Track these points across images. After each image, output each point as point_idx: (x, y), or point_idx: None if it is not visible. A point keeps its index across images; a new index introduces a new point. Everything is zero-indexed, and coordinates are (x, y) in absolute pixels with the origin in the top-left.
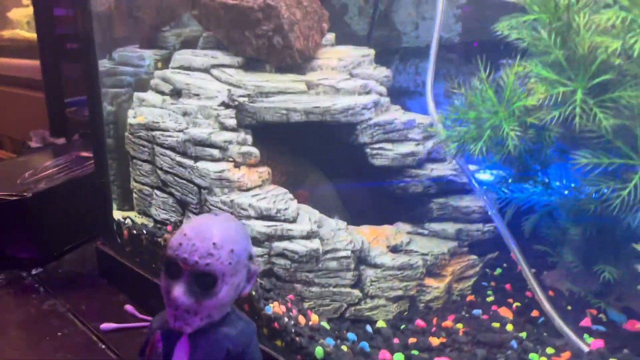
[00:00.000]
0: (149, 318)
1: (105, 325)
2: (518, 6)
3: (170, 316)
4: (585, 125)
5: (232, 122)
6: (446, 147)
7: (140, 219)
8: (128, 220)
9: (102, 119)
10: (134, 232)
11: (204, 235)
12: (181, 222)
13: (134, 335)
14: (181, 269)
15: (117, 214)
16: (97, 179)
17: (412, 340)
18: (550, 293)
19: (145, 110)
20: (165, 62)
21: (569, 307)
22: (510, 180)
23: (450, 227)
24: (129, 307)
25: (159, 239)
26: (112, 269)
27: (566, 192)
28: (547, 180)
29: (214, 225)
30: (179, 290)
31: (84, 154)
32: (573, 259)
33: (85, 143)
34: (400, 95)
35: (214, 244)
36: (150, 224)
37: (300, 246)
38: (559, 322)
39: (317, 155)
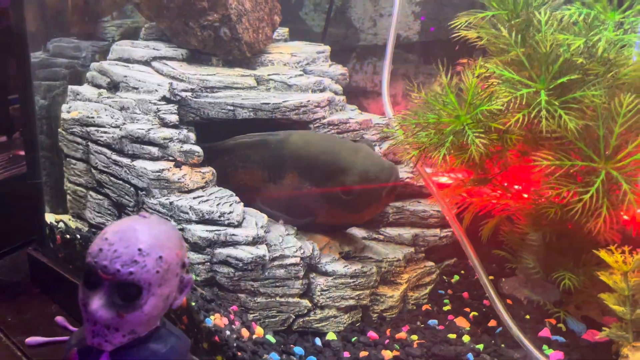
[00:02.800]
0: None
1: (31, 339)
2: (478, 3)
3: (88, 332)
4: (549, 127)
5: (174, 118)
6: (406, 154)
7: (74, 223)
8: (61, 224)
9: (34, 114)
10: (68, 236)
11: (129, 239)
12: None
13: (62, 350)
14: (101, 279)
15: (50, 217)
16: (29, 179)
17: (363, 353)
18: (509, 302)
19: (80, 105)
20: (104, 54)
21: (528, 316)
22: (468, 185)
23: (407, 232)
24: (59, 319)
25: None
26: (44, 276)
27: (525, 195)
28: (506, 183)
29: (141, 228)
30: (97, 303)
31: (22, 152)
32: (532, 266)
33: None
34: (357, 94)
35: (139, 249)
36: (85, 228)
37: (245, 253)
38: (517, 332)
39: None
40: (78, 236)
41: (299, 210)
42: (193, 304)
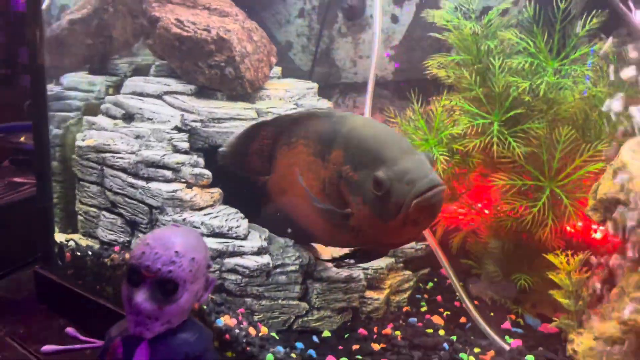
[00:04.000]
0: (92, 340)
1: (47, 347)
2: (444, 47)
3: (131, 322)
4: (502, 152)
5: (185, 145)
6: None
7: (85, 241)
8: (72, 243)
9: (48, 142)
10: (78, 254)
11: (167, 244)
12: (130, 242)
13: (77, 357)
14: (143, 277)
15: (60, 237)
16: (39, 202)
17: (355, 346)
18: (476, 302)
19: (95, 134)
20: (117, 88)
21: (492, 314)
22: None
23: None
24: (70, 330)
25: (106, 260)
26: (52, 293)
27: (487, 211)
28: (471, 201)
29: (176, 235)
30: (141, 297)
31: (17, 179)
32: (494, 270)
33: (17, 169)
34: None
35: (176, 252)
36: (97, 246)
37: (251, 261)
38: (484, 326)
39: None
40: (89, 253)
41: (335, 199)
42: (205, 307)
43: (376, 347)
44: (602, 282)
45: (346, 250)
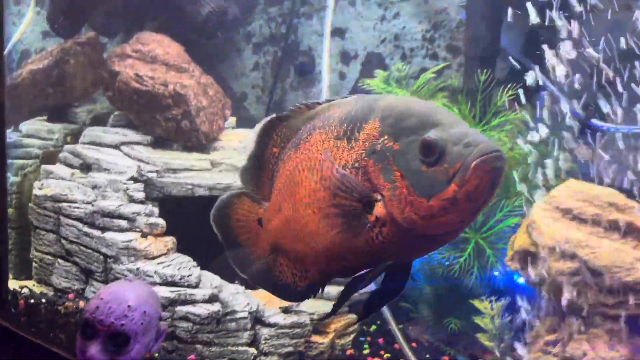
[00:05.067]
0: None
1: None
2: None
3: None
4: None
5: (141, 195)
6: None
7: (39, 288)
8: (25, 290)
9: (6, 190)
10: (32, 301)
11: (120, 298)
12: (84, 290)
13: None
14: (96, 330)
15: (13, 284)
16: None
17: None
18: (414, 344)
19: (53, 182)
20: (75, 136)
21: (428, 355)
22: None
23: (333, 290)
24: None
25: (60, 308)
26: (4, 340)
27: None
28: None
29: (129, 289)
30: (95, 349)
31: None
32: (428, 314)
33: None
34: None
35: (129, 306)
36: (51, 293)
37: (202, 309)
38: None
39: None
40: (43, 300)
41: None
42: (156, 355)
43: None
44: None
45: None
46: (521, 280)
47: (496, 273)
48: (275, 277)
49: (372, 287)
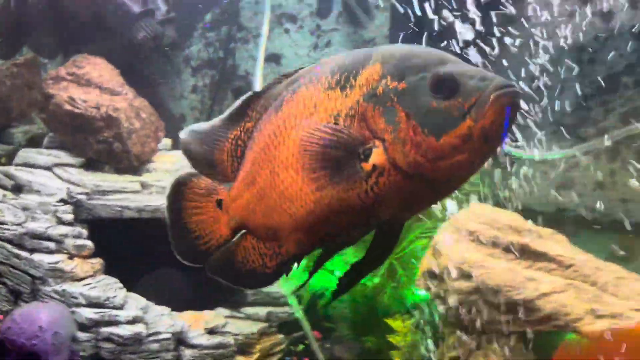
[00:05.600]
0: None
1: None
2: None
3: None
4: None
5: (70, 217)
6: None
7: None
8: None
9: None
10: None
11: (32, 319)
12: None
13: None
14: (8, 350)
15: None
16: None
17: None
18: None
19: None
20: (10, 157)
21: None
22: (307, 270)
23: (262, 311)
24: None
25: None
26: None
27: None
28: (330, 268)
29: (42, 310)
30: None
31: None
32: (348, 333)
33: None
34: None
35: (40, 327)
36: None
37: (125, 330)
38: None
39: (149, 248)
40: None
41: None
42: None
43: None
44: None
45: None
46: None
47: (409, 292)
48: (239, 264)
49: None
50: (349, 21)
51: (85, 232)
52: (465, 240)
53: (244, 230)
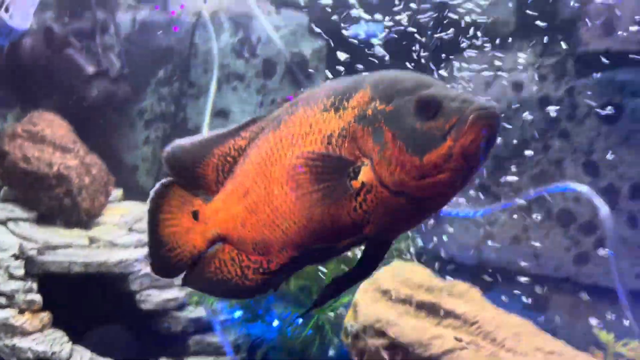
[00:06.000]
0: None
1: None
2: None
3: None
4: (283, 286)
5: (21, 272)
6: (190, 299)
7: None
8: None
9: None
10: None
11: None
12: None
13: None
14: None
15: None
16: None
17: None
18: None
19: None
20: None
21: None
22: (245, 321)
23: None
24: None
25: None
26: None
27: (281, 330)
28: (269, 320)
29: None
30: None
31: None
32: None
33: None
34: None
35: None
36: None
37: None
38: None
39: (92, 304)
40: None
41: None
42: None
43: None
44: None
45: None
46: None
47: (334, 346)
48: (210, 273)
49: None
50: (291, 82)
51: (35, 286)
52: (381, 298)
53: (220, 243)
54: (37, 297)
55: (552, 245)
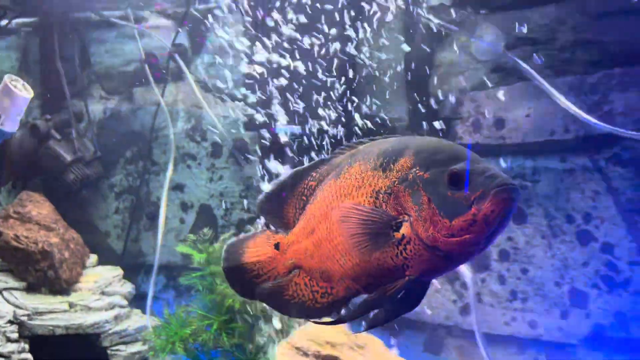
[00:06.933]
0: None
1: None
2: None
3: None
4: (219, 342)
5: (15, 335)
6: (150, 353)
7: None
8: None
9: None
10: None
11: None
12: None
13: None
14: None
15: None
16: None
17: None
18: None
19: None
20: None
21: None
22: None
23: None
24: None
25: None
26: None
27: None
28: None
29: None
30: None
31: None
32: None
33: None
34: (144, 298)
35: None
36: None
37: None
38: None
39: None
40: None
41: (388, 209)
42: None
43: None
44: None
45: None
46: None
47: None
48: (288, 296)
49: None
50: (235, 163)
51: (27, 347)
52: (296, 354)
53: (296, 270)
54: (29, 356)
55: (443, 298)
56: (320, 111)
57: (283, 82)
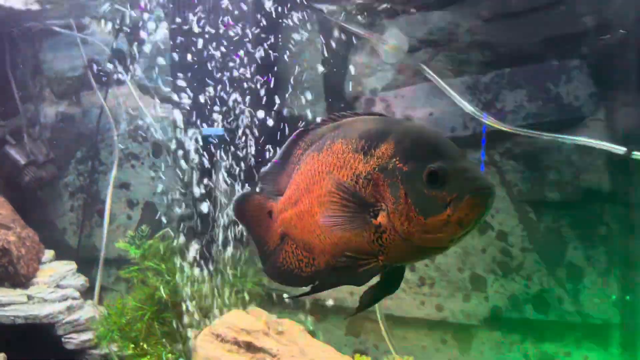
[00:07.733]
0: None
1: None
2: None
3: None
4: (152, 330)
5: None
6: (94, 340)
7: None
8: None
9: None
10: None
11: None
12: None
13: None
14: None
15: None
16: None
17: None
18: None
19: None
20: None
21: None
22: None
23: None
24: None
25: None
26: None
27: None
28: None
29: None
30: None
31: None
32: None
33: None
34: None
35: None
36: None
37: None
38: None
39: (32, 347)
40: None
41: (367, 195)
42: None
43: None
44: None
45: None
46: None
47: None
48: (280, 264)
49: None
50: (173, 162)
51: None
52: (214, 340)
53: (286, 237)
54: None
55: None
56: (247, 111)
57: (209, 88)
